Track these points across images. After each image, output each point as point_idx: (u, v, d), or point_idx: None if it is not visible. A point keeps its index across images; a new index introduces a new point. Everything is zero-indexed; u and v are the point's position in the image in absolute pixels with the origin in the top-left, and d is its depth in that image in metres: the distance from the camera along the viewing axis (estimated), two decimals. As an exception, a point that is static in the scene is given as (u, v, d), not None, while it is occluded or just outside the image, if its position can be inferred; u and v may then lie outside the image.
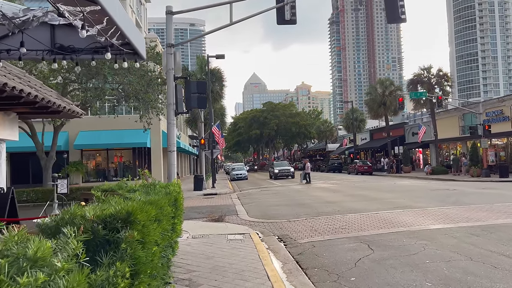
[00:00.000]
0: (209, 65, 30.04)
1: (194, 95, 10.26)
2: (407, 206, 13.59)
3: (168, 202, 4.83)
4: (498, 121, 31.24)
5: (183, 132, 47.88)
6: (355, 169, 45.12)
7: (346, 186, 25.30)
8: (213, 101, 32.52)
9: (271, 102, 71.32)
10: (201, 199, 20.47)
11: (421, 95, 31.54)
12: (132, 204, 3.14)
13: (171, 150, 10.24)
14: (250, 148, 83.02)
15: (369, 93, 46.95)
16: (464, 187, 20.09)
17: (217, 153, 30.51)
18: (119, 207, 3.09)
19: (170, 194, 5.27)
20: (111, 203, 3.33)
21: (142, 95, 21.06)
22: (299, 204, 15.88)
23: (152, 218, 3.55)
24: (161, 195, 4.94)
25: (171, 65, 10.26)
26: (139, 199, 4.25)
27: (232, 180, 41.72)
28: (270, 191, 24.06)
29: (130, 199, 3.77)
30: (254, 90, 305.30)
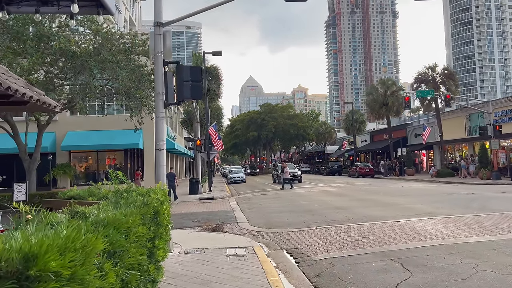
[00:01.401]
0: (205, 63, 28.45)
1: (187, 83, 8.66)
2: (429, 213, 12.03)
3: (142, 219, 3.22)
4: (507, 121, 29.84)
5: (179, 134, 46.21)
6: (356, 172, 43.62)
7: (352, 189, 23.73)
8: (209, 101, 30.93)
9: (269, 104, 69.80)
10: (196, 204, 18.84)
11: (427, 94, 30.10)
12: (43, 240, 1.53)
13: (159, 148, 8.63)
14: (247, 150, 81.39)
15: (370, 93, 45.53)
16: (482, 191, 18.57)
17: (213, 155, 28.89)
18: (17, 244, 1.48)
19: (147, 206, 3.67)
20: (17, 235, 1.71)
21: (133, 91, 19.43)
22: (306, 210, 14.27)
23: (100, 253, 1.96)
24: (134, 208, 3.34)
25: (159, 47, 8.67)
26: (91, 217, 2.66)
27: (229, 183, 40.10)
28: (270, 195, 22.44)
29: (59, 224, 2.14)
30: (251, 93, 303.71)
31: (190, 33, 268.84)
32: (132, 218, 2.87)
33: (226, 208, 16.41)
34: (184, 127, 43.46)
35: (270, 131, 60.76)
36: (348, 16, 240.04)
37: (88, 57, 17.24)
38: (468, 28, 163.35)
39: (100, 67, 17.89)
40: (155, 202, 3.99)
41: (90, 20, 18.31)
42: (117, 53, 18.54)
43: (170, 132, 35.57)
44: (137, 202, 3.75)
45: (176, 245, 9.13)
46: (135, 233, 2.87)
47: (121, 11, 40.15)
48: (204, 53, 28.38)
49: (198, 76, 8.86)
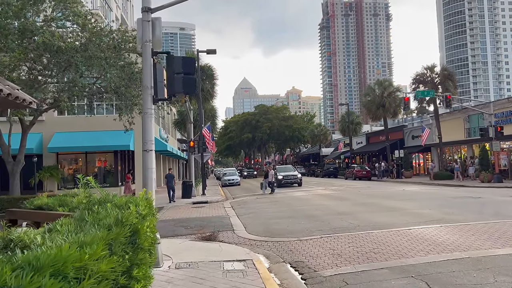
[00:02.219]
0: (199, 61, 27.49)
1: (179, 75, 7.71)
2: (440, 219, 11.16)
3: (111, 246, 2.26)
4: (508, 123, 29.20)
5: (171, 135, 45.14)
6: (353, 174, 42.82)
7: (351, 193, 22.85)
8: (203, 101, 29.95)
9: (264, 105, 68.89)
10: (189, 209, 17.84)
11: (428, 94, 29.36)
12: None
13: (147, 149, 7.65)
14: (242, 152, 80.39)
15: (367, 94, 44.83)
16: (489, 195, 17.78)
17: (207, 157, 27.90)
18: None
19: (122, 225, 2.71)
20: None
21: (122, 90, 18.40)
22: (306, 215, 13.34)
23: None
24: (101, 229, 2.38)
25: (148, 36, 7.71)
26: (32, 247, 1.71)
27: (223, 186, 39.12)
28: (267, 198, 21.48)
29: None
30: (245, 95, 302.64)
31: (183, 35, 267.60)
32: (92, 249, 1.91)
33: (221, 213, 15.44)
34: (177, 128, 42.41)
35: (264, 133, 59.84)
36: (342, 18, 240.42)
37: (75, 52, 16.20)
38: (461, 31, 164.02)
39: (87, 63, 16.85)
40: (134, 218, 3.04)
41: (77, 14, 17.29)
42: (105, 49, 17.51)
43: (162, 133, 34.51)
44: (108, 219, 2.80)
45: (167, 257, 8.16)
46: (96, 273, 1.91)
47: (112, 9, 39.13)
48: (198, 52, 27.45)
49: (192, 68, 7.90)
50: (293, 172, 31.67)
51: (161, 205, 20.24)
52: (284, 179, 30.24)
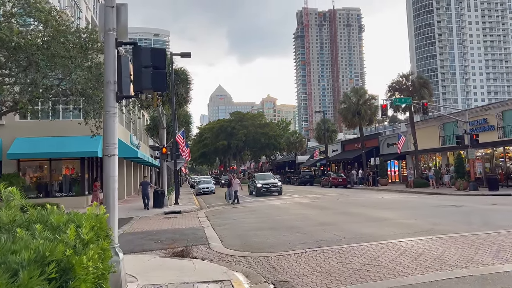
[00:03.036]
0: (173, 65, 26.41)
1: (147, 69, 6.73)
2: (429, 230, 10.53)
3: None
4: (482, 131, 29.42)
5: (143, 142, 43.58)
6: (329, 182, 42.45)
7: (330, 201, 22.19)
8: (177, 106, 28.80)
9: (239, 112, 67.97)
10: (161, 220, 16.66)
11: (405, 102, 29.28)
12: None
13: (109, 154, 6.61)
14: (217, 160, 79.08)
15: (343, 102, 44.73)
16: (470, 203, 17.44)
17: (181, 164, 26.73)
18: None
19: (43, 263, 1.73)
20: None
21: (89, 92, 17.12)
22: (287, 227, 12.47)
23: None
24: None
25: (111, 23, 6.72)
26: None
27: (198, 194, 37.91)
28: (244, 208, 20.52)
29: None
30: (220, 102, 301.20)
31: (158, 41, 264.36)
32: None
33: (195, 225, 14.37)
34: (150, 134, 40.92)
35: (240, 140, 58.90)
36: (316, 28, 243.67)
37: (35, 50, 14.87)
38: (431, 43, 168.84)
39: (50, 62, 15.52)
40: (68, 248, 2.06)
41: (39, 10, 15.97)
42: (71, 48, 16.24)
43: (133, 139, 33.08)
44: (25, 253, 1.82)
45: (131, 278, 7.10)
46: None
47: (82, 10, 37.53)
48: (172, 54, 26.34)
49: (162, 62, 6.93)
50: (273, 180, 30.08)
51: (130, 215, 18.98)
52: (263, 187, 28.82)
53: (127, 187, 32.81)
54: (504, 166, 29.43)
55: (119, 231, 13.51)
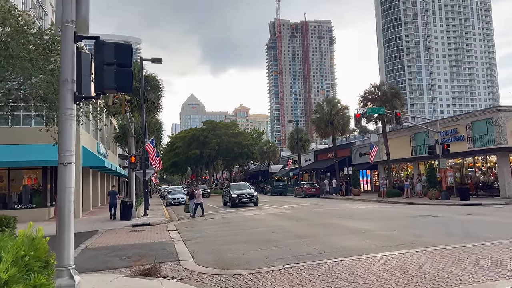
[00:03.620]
0: (142, 70, 25.46)
1: (111, 67, 5.98)
2: (411, 242, 10.11)
3: None
4: (452, 141, 29.86)
5: (112, 151, 41.98)
6: (302, 191, 42.17)
7: (305, 212, 21.68)
8: (147, 113, 27.76)
9: (212, 121, 67.09)
10: (127, 233, 15.62)
11: (378, 111, 29.40)
12: None
13: (64, 162, 5.78)
14: (188, 169, 77.58)
15: (316, 111, 44.77)
16: (446, 213, 17.32)
17: (150, 174, 25.64)
18: None
19: None
20: None
21: (51, 97, 16.00)
22: (263, 240, 11.80)
23: None
24: None
25: (70, 15, 5.94)
26: None
27: (168, 205, 36.72)
28: (217, 219, 19.69)
29: None
30: (192, 111, 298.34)
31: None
32: None
33: (165, 239, 13.47)
34: (118, 143, 39.43)
35: (213, 149, 57.95)
36: (288, 39, 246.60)
37: (-10, 49, 13.73)
38: (399, 55, 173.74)
39: (7, 63, 14.37)
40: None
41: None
42: (32, 50, 15.14)
43: (100, 148, 31.68)
44: None
45: (89, 304, 6.23)
46: None
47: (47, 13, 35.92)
48: (142, 60, 25.43)
49: (127, 58, 6.19)
50: (249, 190, 29.04)
51: (95, 228, 17.82)
52: (238, 198, 27.72)
53: (93, 198, 31.29)
54: (473, 176, 29.92)
55: (81, 247, 12.47)
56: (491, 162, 28.66)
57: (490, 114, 27.34)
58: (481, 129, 28.20)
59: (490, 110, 27.87)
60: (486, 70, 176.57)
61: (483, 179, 29.15)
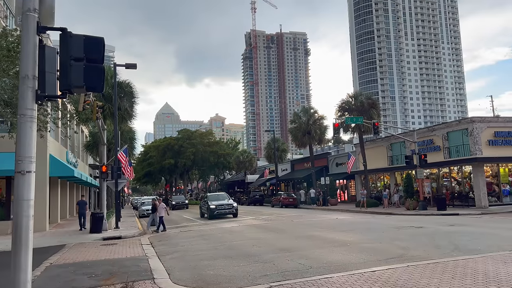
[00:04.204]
0: (116, 76, 24.45)
1: (79, 63, 5.26)
2: (401, 256, 9.66)
3: None
4: (429, 151, 30.08)
5: (82, 160, 40.35)
6: (280, 202, 41.69)
7: (285, 223, 21.10)
8: (120, 120, 26.69)
9: (188, 130, 65.85)
10: (97, 248, 14.59)
11: (357, 121, 29.32)
12: None
13: (22, 171, 4.99)
14: (162, 179, 75.84)
15: (293, 121, 44.58)
16: (428, 224, 17.09)
17: (123, 184, 24.54)
18: None
19: None
20: None
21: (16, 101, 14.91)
22: (244, 254, 11.10)
23: None
24: None
25: (32, 2, 5.20)
26: None
27: (141, 216, 35.40)
28: (193, 232, 18.82)
29: None
30: (167, 120, 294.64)
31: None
32: None
33: (137, 253, 12.57)
34: (89, 152, 37.89)
35: (188, 159, 56.75)
36: (264, 50, 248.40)
37: None
38: (372, 68, 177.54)
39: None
40: None
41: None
42: (-5, 52, 14.09)
43: (70, 157, 30.28)
44: None
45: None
46: None
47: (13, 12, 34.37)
48: (115, 65, 24.45)
49: (98, 53, 5.47)
50: (228, 200, 27.77)
51: (62, 241, 16.66)
52: (217, 209, 26.45)
53: (61, 209, 29.74)
54: (449, 186, 30.19)
55: (46, 263, 11.40)
56: (466, 173, 29.00)
57: (466, 125, 27.70)
58: (456, 140, 28.54)
59: (465, 120, 28.26)
60: (455, 83, 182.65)
61: (458, 189, 29.43)
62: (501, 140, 27.25)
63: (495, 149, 27.07)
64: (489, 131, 27.16)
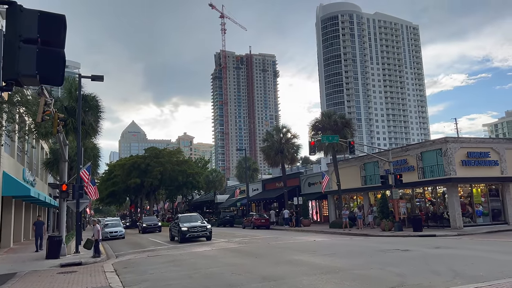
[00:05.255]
0: (80, 88, 22.79)
1: (31, 46, 4.07)
2: (401, 284, 8.70)
3: None
4: (403, 171, 29.85)
5: (41, 179, 37.68)
6: (251, 223, 40.35)
7: (262, 246, 19.84)
8: (84, 136, 24.87)
9: (155, 148, 63.67)
10: (53, 276, 12.82)
11: (333, 140, 28.78)
12: None
13: None
14: (127, 200, 72.71)
15: (266, 139, 43.82)
16: (413, 246, 16.35)
17: (85, 204, 22.61)
18: None
19: None
20: None
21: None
22: (224, 284, 9.79)
23: None
24: None
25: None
26: None
27: (104, 239, 33.06)
28: (163, 257, 17.20)
29: None
30: (133, 138, 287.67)
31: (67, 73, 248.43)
32: None
33: (100, 283, 10.99)
34: (49, 170, 35.40)
35: (155, 178, 54.54)
36: (234, 70, 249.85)
37: None
38: (339, 90, 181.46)
39: None
40: None
41: None
42: None
43: (27, 175, 27.98)
44: None
45: None
46: None
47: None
48: (80, 76, 22.83)
49: (57, 34, 4.28)
50: (201, 222, 25.74)
51: (14, 269, 14.71)
52: (189, 231, 24.38)
53: (15, 232, 27.19)
54: (423, 206, 29.98)
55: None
56: (439, 193, 28.90)
57: (439, 145, 27.72)
58: (430, 160, 28.49)
59: (439, 140, 28.29)
60: (418, 106, 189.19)
61: (433, 210, 29.24)
62: (473, 160, 27.39)
63: (468, 169, 27.13)
64: (462, 151, 27.26)
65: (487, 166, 27.78)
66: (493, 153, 28.12)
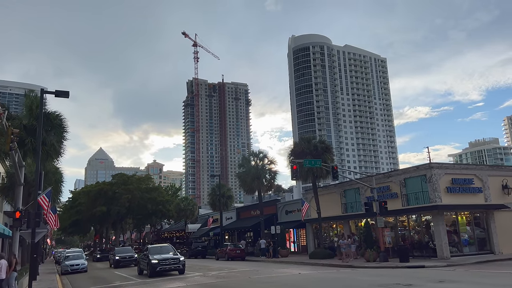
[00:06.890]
0: (42, 104, 20.61)
1: None
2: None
3: None
4: (386, 198, 28.75)
5: (-5, 206, 34.20)
6: (226, 254, 38.05)
7: (243, 281, 17.83)
8: (45, 158, 22.48)
9: (124, 174, 60.55)
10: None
11: (315, 164, 27.49)
12: None
13: None
14: (91, 229, 68.40)
15: (242, 165, 42.18)
16: (412, 280, 14.88)
17: (42, 234, 20.02)
18: None
19: None
20: None
21: None
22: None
23: None
24: None
25: None
26: None
27: (63, 273, 29.99)
28: (130, 296, 14.89)
29: None
30: (100, 166, 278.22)
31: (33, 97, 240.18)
32: None
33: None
34: (5, 196, 32.18)
35: (123, 206, 51.38)
36: (206, 98, 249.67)
37: None
38: (311, 119, 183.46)
39: None
40: None
41: None
42: None
43: (-23, 200, 24.95)
44: None
45: None
46: None
47: None
48: (43, 92, 20.67)
49: None
50: (173, 254, 23.46)
51: None
52: (160, 264, 22.01)
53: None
54: (408, 235, 28.82)
55: None
56: (424, 221, 27.88)
57: (424, 171, 26.91)
58: (414, 186, 27.59)
59: (423, 166, 27.49)
60: (387, 136, 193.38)
61: (418, 239, 28.09)
62: (458, 187, 26.67)
63: (453, 196, 26.34)
64: (447, 177, 26.51)
65: (471, 193, 27.11)
66: (476, 180, 27.54)
